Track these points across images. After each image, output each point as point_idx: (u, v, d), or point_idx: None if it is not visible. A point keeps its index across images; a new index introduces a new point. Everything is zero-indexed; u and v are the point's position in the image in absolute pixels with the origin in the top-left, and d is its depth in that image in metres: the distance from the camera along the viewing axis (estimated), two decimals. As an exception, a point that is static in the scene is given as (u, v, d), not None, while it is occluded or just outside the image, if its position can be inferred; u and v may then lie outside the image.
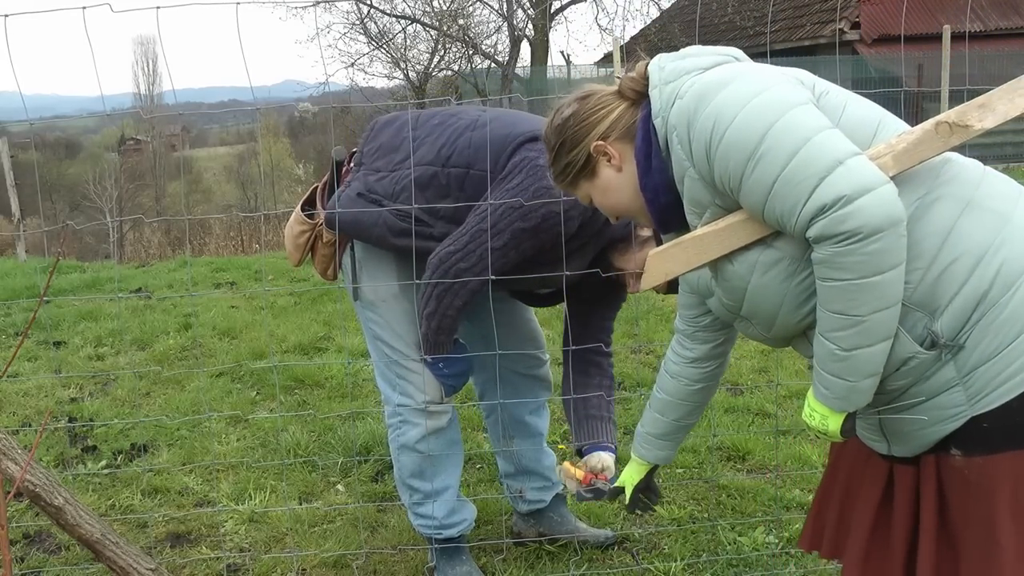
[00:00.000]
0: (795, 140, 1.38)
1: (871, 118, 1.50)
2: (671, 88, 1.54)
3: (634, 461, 2.10)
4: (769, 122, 1.40)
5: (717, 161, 1.46)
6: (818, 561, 2.62)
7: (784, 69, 1.55)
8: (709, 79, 1.50)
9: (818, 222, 1.37)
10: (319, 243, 2.50)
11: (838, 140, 1.39)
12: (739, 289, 1.57)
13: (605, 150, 1.64)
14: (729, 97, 1.45)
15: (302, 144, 39.92)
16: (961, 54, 11.11)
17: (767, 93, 1.43)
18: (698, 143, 1.48)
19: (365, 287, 2.46)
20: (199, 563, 2.78)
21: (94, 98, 3.00)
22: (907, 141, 1.44)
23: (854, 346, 1.43)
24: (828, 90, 1.52)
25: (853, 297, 1.39)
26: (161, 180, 38.76)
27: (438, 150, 2.32)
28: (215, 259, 9.04)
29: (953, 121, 1.44)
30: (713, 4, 17.36)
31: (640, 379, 4.27)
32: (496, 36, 20.30)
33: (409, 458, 2.52)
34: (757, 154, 1.40)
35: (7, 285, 7.04)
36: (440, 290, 2.27)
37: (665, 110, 1.54)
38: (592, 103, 1.66)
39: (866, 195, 1.33)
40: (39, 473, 2.17)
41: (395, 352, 2.47)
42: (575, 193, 1.76)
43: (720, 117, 1.44)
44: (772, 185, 1.40)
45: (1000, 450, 1.46)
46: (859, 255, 1.35)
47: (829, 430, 1.53)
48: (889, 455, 1.62)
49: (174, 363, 4.92)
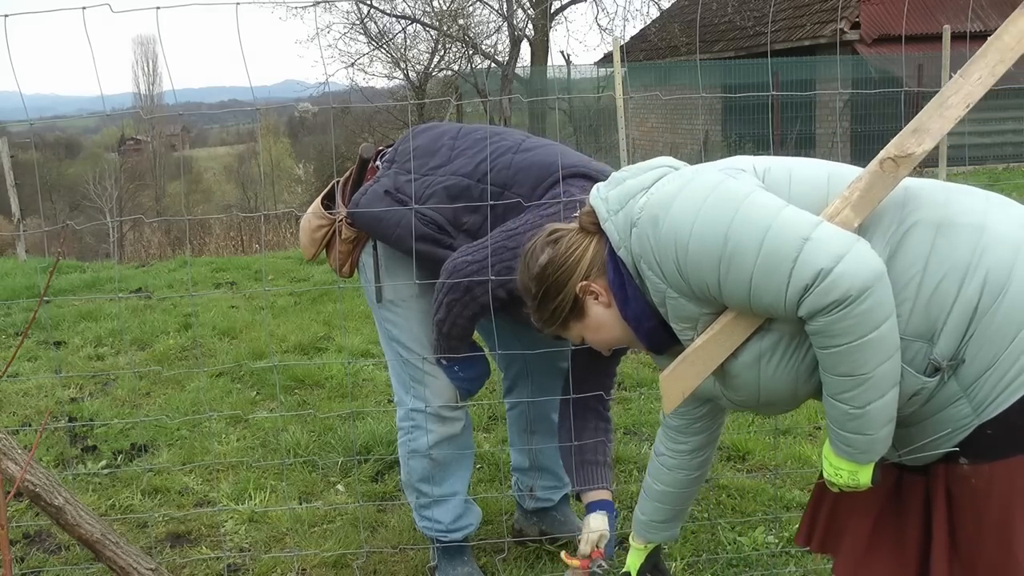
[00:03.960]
0: (756, 232, 1.41)
1: (819, 176, 1.53)
2: (623, 216, 1.57)
3: (635, 548, 2.07)
4: (726, 222, 1.42)
5: (691, 275, 1.48)
6: (818, 561, 2.62)
7: (721, 163, 1.58)
8: (655, 199, 1.52)
9: (805, 300, 1.39)
10: (337, 239, 2.47)
11: (797, 216, 1.41)
12: (751, 382, 1.59)
13: (591, 289, 1.66)
14: (680, 210, 1.47)
15: (302, 144, 39.92)
16: (961, 54, 11.10)
17: (714, 194, 1.46)
18: (667, 264, 1.50)
19: (386, 286, 2.43)
20: (199, 563, 2.78)
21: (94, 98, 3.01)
22: (859, 189, 1.46)
23: (867, 402, 1.44)
24: (769, 167, 1.54)
25: (856, 357, 1.40)
26: (161, 180, 38.77)
27: (476, 164, 2.29)
28: (215, 259, 9.03)
29: (894, 155, 1.47)
30: (713, 4, 17.36)
31: (640, 379, 4.27)
32: (496, 36, 20.32)
33: (419, 463, 2.50)
34: (726, 256, 1.43)
35: (7, 285, 7.04)
36: (451, 299, 2.24)
37: (625, 239, 1.57)
38: (564, 246, 1.67)
39: (841, 262, 1.36)
40: (39, 473, 2.17)
41: (411, 354, 2.43)
42: (565, 335, 1.75)
43: (679, 233, 1.46)
44: (750, 281, 1.42)
45: (1008, 455, 1.46)
46: (852, 318, 1.37)
47: (860, 483, 1.54)
48: (899, 463, 1.62)
49: (174, 363, 4.92)
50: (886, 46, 14.88)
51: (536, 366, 2.66)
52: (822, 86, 14.32)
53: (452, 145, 2.36)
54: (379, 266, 2.44)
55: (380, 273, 2.44)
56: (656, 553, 2.09)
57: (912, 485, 1.61)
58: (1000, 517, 1.47)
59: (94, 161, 37.40)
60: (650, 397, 4.03)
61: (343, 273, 2.53)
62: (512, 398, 2.77)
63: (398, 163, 2.40)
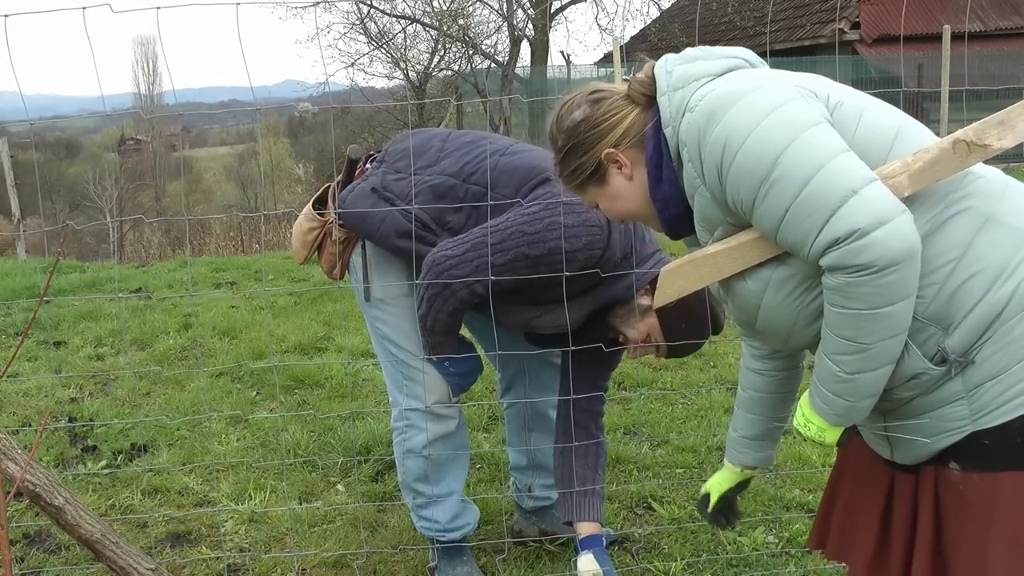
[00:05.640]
0: (808, 167, 1.34)
1: (888, 129, 1.45)
2: (680, 96, 1.49)
3: (727, 468, 2.00)
4: (781, 146, 1.36)
5: (729, 183, 1.42)
6: (818, 561, 2.62)
7: (797, 77, 1.50)
8: (719, 93, 1.44)
9: (832, 253, 1.34)
10: (327, 241, 2.48)
11: (853, 166, 1.35)
12: (752, 306, 1.55)
13: (616, 158, 1.59)
14: (739, 116, 1.40)
15: (302, 144, 39.94)
16: (961, 54, 11.11)
17: (778, 112, 1.38)
18: (709, 164, 1.44)
19: (375, 286, 2.45)
20: (199, 563, 2.78)
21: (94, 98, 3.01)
22: (923, 160, 1.39)
23: (857, 370, 1.42)
24: (843, 100, 1.46)
25: (862, 326, 1.37)
26: (161, 180, 38.80)
27: (462, 165, 2.32)
28: (215, 259, 9.04)
29: (971, 140, 1.40)
30: (713, 4, 17.36)
31: (640, 379, 4.27)
32: (496, 36, 20.31)
33: (415, 462, 2.50)
34: (769, 180, 1.37)
35: (7, 285, 7.04)
36: (431, 293, 2.26)
37: (675, 120, 1.49)
38: (604, 108, 1.59)
39: (881, 228, 1.30)
40: (39, 473, 2.17)
41: (402, 352, 2.45)
42: (581, 196, 1.70)
43: (731, 139, 1.39)
44: (785, 213, 1.37)
45: (999, 468, 1.43)
46: (872, 287, 1.33)
47: (826, 441, 1.52)
48: (891, 460, 1.61)
49: (174, 363, 4.92)
50: (886, 46, 14.90)
51: (533, 362, 2.67)
52: (822, 86, 14.28)
53: (441, 147, 2.38)
54: (368, 265, 2.45)
55: (369, 272, 2.45)
56: (746, 484, 2.03)
57: (902, 484, 1.60)
58: (979, 530, 1.45)
59: (94, 161, 37.43)
60: (650, 397, 4.03)
61: (334, 275, 2.53)
62: (509, 397, 2.78)
63: (387, 163, 2.42)
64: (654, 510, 3.01)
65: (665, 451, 3.45)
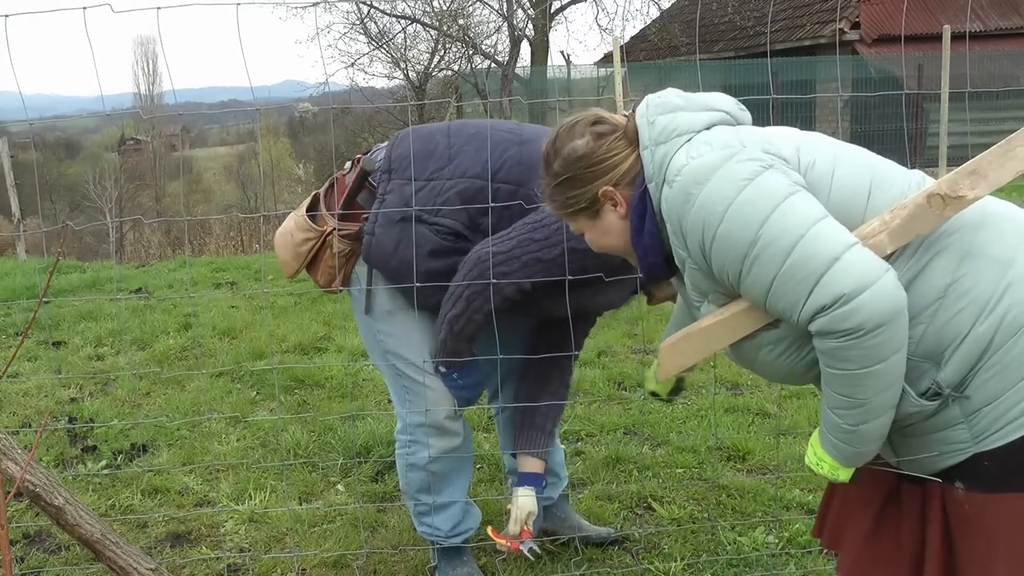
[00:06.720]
0: (788, 238, 1.37)
1: (861, 184, 1.47)
2: (662, 153, 1.52)
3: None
4: (760, 219, 1.38)
5: (713, 258, 1.46)
6: (818, 561, 2.62)
7: (768, 137, 1.51)
8: (693, 168, 1.45)
9: (819, 319, 1.37)
10: (325, 252, 2.37)
11: (832, 232, 1.37)
12: (748, 361, 1.60)
13: (613, 196, 1.61)
14: (714, 194, 1.42)
15: (302, 144, 39.96)
16: (961, 54, 11.11)
17: (751, 186, 1.40)
18: (692, 240, 1.47)
19: (380, 298, 2.37)
20: (199, 563, 2.78)
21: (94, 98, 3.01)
22: (901, 217, 1.43)
23: (860, 422, 1.44)
24: (814, 160, 1.48)
25: (857, 383, 1.40)
26: (161, 180, 38.80)
27: (483, 162, 2.23)
28: (215, 259, 9.04)
29: (945, 193, 1.43)
30: (713, 4, 17.35)
31: (640, 379, 4.26)
32: (496, 36, 20.31)
33: (417, 475, 2.47)
34: (752, 254, 1.40)
35: (7, 285, 7.04)
36: (472, 292, 2.19)
37: (657, 178, 1.52)
38: (606, 147, 1.60)
39: (866, 291, 1.33)
40: (39, 473, 2.17)
41: (409, 365, 2.38)
42: (568, 221, 1.71)
43: (709, 218, 1.42)
44: (770, 285, 1.41)
45: (1000, 490, 1.45)
46: (862, 348, 1.35)
47: (839, 479, 1.55)
48: (897, 469, 1.61)
49: (174, 363, 4.92)
50: (886, 46, 14.88)
51: (519, 365, 2.63)
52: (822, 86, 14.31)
53: (448, 143, 2.30)
54: (375, 278, 2.37)
55: (373, 283, 2.37)
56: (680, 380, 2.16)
57: (911, 494, 1.60)
58: (985, 549, 1.46)
59: (94, 161, 37.42)
60: (650, 397, 4.02)
61: (333, 287, 2.42)
62: (499, 403, 2.75)
63: (396, 172, 2.31)
64: (654, 510, 3.01)
65: (665, 451, 3.45)
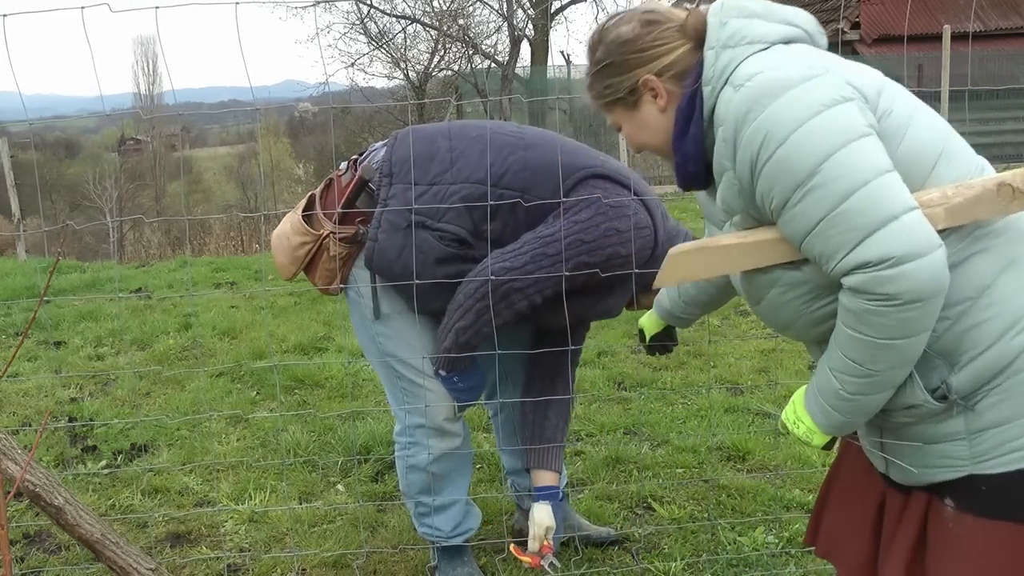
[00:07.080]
0: (851, 181, 1.27)
1: (932, 150, 1.37)
2: (728, 57, 1.40)
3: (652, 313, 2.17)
4: (826, 152, 1.28)
5: (762, 179, 1.35)
6: (818, 561, 2.62)
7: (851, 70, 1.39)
8: (767, 78, 1.34)
9: (857, 275, 1.28)
10: (324, 255, 2.36)
11: (897, 189, 1.28)
12: (755, 296, 1.51)
13: (654, 86, 1.49)
14: (785, 110, 1.30)
15: (302, 144, 39.99)
16: (961, 54, 11.11)
17: (828, 114, 1.29)
18: (744, 153, 1.35)
19: (380, 302, 2.35)
20: (199, 563, 2.78)
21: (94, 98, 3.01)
22: (964, 196, 1.33)
23: (860, 392, 1.38)
24: (891, 109, 1.37)
25: (873, 353, 1.32)
26: (161, 180, 38.82)
27: (487, 167, 2.22)
28: (215, 259, 9.04)
29: (1017, 186, 1.33)
30: (713, 4, 17.33)
31: (640, 379, 4.27)
32: (496, 36, 20.32)
33: (418, 477, 2.47)
34: (807, 185, 1.29)
35: (7, 285, 7.04)
36: (482, 305, 2.18)
37: (716, 82, 1.40)
38: (655, 34, 1.48)
39: (915, 260, 1.25)
40: (39, 473, 2.17)
41: (408, 368, 2.38)
42: (604, 112, 1.59)
43: (772, 132, 1.31)
44: (817, 223, 1.30)
45: (995, 517, 1.40)
46: (891, 318, 1.28)
47: (813, 443, 1.50)
48: (886, 475, 1.57)
49: (174, 363, 4.92)
50: (886, 46, 14.88)
51: (515, 365, 2.64)
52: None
53: (449, 147, 2.27)
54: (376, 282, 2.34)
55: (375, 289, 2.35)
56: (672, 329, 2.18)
57: (893, 504, 1.57)
58: (963, 570, 1.42)
59: (94, 161, 37.43)
60: (650, 397, 4.03)
61: (332, 290, 2.40)
62: (494, 403, 2.75)
63: (398, 175, 2.28)
64: (654, 510, 3.01)
65: (665, 451, 3.45)
